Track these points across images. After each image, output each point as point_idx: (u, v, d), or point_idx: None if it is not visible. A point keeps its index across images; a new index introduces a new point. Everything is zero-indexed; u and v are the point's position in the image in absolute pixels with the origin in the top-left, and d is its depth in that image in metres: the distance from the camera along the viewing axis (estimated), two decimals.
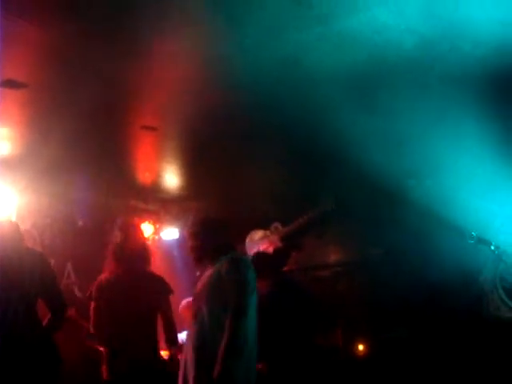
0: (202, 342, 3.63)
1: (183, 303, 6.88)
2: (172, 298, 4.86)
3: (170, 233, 7.83)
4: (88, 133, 4.88)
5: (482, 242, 5.04)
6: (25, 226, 5.39)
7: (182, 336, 6.42)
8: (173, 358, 4.79)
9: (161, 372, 4.60)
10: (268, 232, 7.28)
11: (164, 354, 4.92)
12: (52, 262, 6.51)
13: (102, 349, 4.79)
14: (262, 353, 5.12)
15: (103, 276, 4.70)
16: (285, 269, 6.57)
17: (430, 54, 3.51)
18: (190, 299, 6.80)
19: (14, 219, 5.46)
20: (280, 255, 6.86)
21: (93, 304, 4.69)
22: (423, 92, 3.99)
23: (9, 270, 3.90)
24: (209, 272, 3.84)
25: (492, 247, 5.01)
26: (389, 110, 4.24)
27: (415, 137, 4.54)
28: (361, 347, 6.27)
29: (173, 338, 4.78)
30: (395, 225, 5.78)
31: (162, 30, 3.24)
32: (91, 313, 4.70)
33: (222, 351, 3.44)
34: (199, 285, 3.91)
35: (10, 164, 5.54)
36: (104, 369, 4.62)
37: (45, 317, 4.26)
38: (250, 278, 3.74)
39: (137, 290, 4.60)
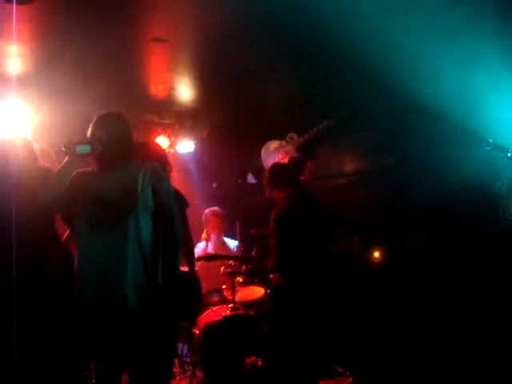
0: None
1: (208, 212, 6.98)
2: (188, 210, 4.91)
3: (186, 146, 7.84)
4: (100, 48, 4.83)
5: (499, 148, 5.00)
6: (41, 145, 5.40)
7: (197, 250, 6.60)
8: (192, 271, 4.85)
9: (182, 285, 4.68)
10: (283, 142, 7.29)
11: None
12: None
13: None
14: (282, 263, 5.29)
15: None
16: (300, 178, 6.60)
17: None
18: (215, 208, 6.95)
19: (29, 138, 5.48)
20: (296, 165, 6.89)
21: None
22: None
23: (24, 190, 3.93)
24: None
25: (509, 154, 4.98)
26: (407, 19, 4.14)
27: (432, 44, 4.44)
28: (376, 254, 6.36)
29: (189, 250, 4.85)
30: (411, 133, 5.75)
31: None
32: None
33: None
34: None
35: (23, 82, 5.52)
36: None
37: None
38: None
39: None
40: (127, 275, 3.50)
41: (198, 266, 5.44)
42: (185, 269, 4.73)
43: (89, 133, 3.75)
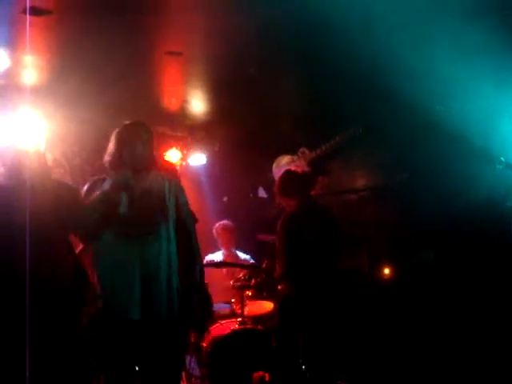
0: None
1: (218, 225, 7.01)
2: (198, 224, 4.91)
3: (197, 159, 7.87)
4: (114, 59, 4.87)
5: (511, 167, 4.99)
6: (53, 155, 5.43)
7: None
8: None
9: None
10: (295, 157, 7.29)
11: None
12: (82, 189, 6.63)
13: None
14: (288, 271, 5.27)
15: None
16: (311, 193, 6.60)
17: None
18: (225, 221, 6.97)
19: (42, 148, 5.50)
20: (307, 179, 6.89)
21: None
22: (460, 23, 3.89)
23: (37, 200, 3.94)
24: None
25: None
26: (420, 36, 4.15)
27: (445, 62, 4.44)
28: (386, 271, 6.33)
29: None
30: (422, 150, 5.74)
31: None
32: None
33: None
34: None
35: (37, 91, 5.56)
36: None
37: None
38: None
39: None
40: (163, 287, 3.59)
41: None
42: None
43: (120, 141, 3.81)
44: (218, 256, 6.95)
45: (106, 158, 3.88)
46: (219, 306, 6.01)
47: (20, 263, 3.69)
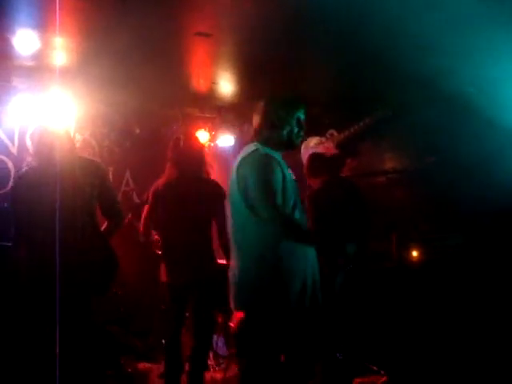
0: None
1: None
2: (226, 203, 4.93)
3: (226, 139, 7.88)
4: (144, 41, 4.88)
5: None
6: (83, 136, 5.49)
7: None
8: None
9: (219, 278, 4.72)
10: (323, 139, 7.25)
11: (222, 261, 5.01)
12: (111, 170, 6.74)
13: (159, 252, 4.98)
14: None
15: (160, 181, 4.79)
16: (340, 175, 6.58)
17: None
18: None
19: (71, 129, 5.56)
20: (335, 160, 6.85)
21: (146, 208, 4.82)
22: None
23: (67, 180, 4.00)
24: None
25: None
26: (452, 17, 4.08)
27: (477, 42, 4.37)
28: (415, 254, 6.29)
29: (226, 243, 4.85)
30: (454, 133, 5.67)
31: None
32: (143, 216, 4.84)
33: None
34: None
35: (68, 74, 5.60)
36: (164, 273, 4.79)
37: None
38: None
39: (192, 195, 4.66)
40: None
41: None
42: (223, 261, 4.77)
43: None
44: None
45: None
46: None
47: (49, 236, 3.77)
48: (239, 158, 3.44)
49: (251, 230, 3.37)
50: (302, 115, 3.60)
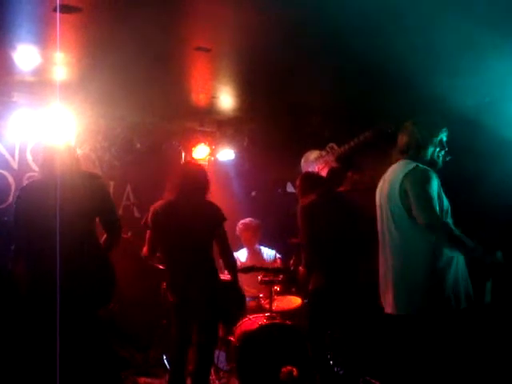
0: None
1: (240, 224, 7.03)
2: (227, 222, 4.94)
3: (226, 154, 7.88)
4: (144, 56, 4.89)
5: None
6: (83, 150, 5.49)
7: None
8: (235, 281, 4.91)
9: (222, 294, 4.76)
10: (323, 152, 7.26)
11: (224, 277, 5.02)
12: (111, 184, 6.75)
13: (161, 267, 4.98)
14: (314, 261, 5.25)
15: (158, 204, 4.80)
16: (340, 189, 6.58)
17: None
18: (247, 220, 6.98)
19: (72, 143, 5.58)
20: (335, 175, 6.85)
21: (148, 233, 4.83)
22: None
23: (68, 194, 4.01)
24: None
25: None
26: (457, 34, 4.09)
27: (482, 58, 4.39)
28: None
29: (231, 262, 4.89)
30: (455, 147, 5.66)
31: None
32: (147, 240, 4.85)
33: None
34: None
35: (68, 89, 5.62)
36: (167, 289, 4.82)
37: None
38: None
39: (191, 219, 4.70)
40: None
41: None
42: (227, 277, 4.84)
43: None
44: (242, 253, 7.01)
45: None
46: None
47: (50, 253, 3.79)
48: (400, 174, 3.72)
49: (413, 236, 3.67)
50: (444, 136, 3.88)
